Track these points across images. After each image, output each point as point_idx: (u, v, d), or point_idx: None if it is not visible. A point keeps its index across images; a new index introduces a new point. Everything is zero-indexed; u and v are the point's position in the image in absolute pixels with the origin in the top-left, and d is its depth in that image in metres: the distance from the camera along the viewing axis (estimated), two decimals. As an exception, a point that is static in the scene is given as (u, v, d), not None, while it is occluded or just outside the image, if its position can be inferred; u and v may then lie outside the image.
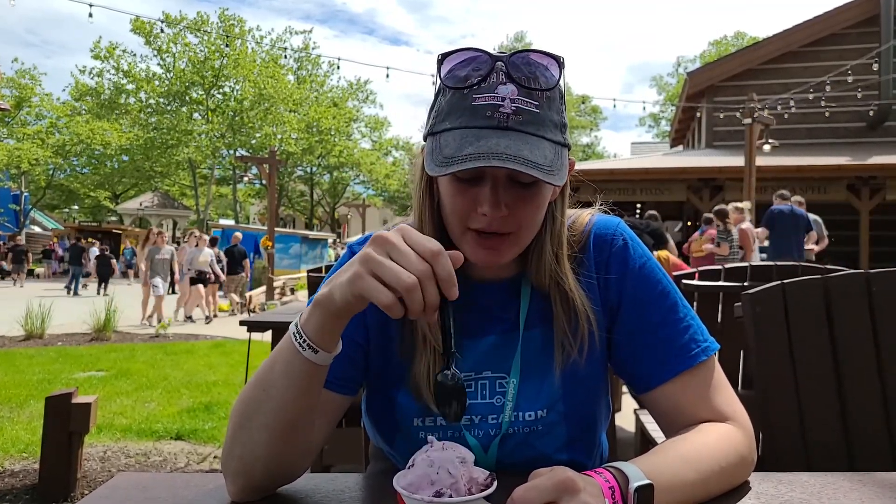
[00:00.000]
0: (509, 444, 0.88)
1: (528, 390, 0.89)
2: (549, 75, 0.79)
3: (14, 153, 27.39)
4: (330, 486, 0.83)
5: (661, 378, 0.88)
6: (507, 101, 0.77)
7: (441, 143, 0.78)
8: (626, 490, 0.67)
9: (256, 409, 0.77)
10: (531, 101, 0.78)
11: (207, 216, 32.44)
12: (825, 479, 0.83)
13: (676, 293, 0.92)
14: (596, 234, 0.94)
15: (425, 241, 0.67)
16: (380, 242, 0.68)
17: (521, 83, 0.78)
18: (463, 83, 0.78)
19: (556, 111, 0.81)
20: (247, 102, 30.73)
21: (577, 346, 0.89)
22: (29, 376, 5.76)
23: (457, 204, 0.82)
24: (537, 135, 0.78)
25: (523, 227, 0.83)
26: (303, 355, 0.73)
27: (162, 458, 3.59)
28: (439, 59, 0.81)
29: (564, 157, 0.80)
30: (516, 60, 0.78)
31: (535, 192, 0.81)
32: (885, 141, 15.43)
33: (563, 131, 0.82)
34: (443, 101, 0.82)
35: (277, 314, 3.59)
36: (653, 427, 2.25)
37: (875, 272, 1.28)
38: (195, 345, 7.99)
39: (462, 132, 0.77)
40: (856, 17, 15.84)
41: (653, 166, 14.89)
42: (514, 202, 0.80)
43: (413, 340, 0.89)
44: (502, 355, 0.90)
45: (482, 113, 0.77)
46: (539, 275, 0.89)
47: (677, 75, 45.12)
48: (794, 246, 7.57)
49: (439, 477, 0.65)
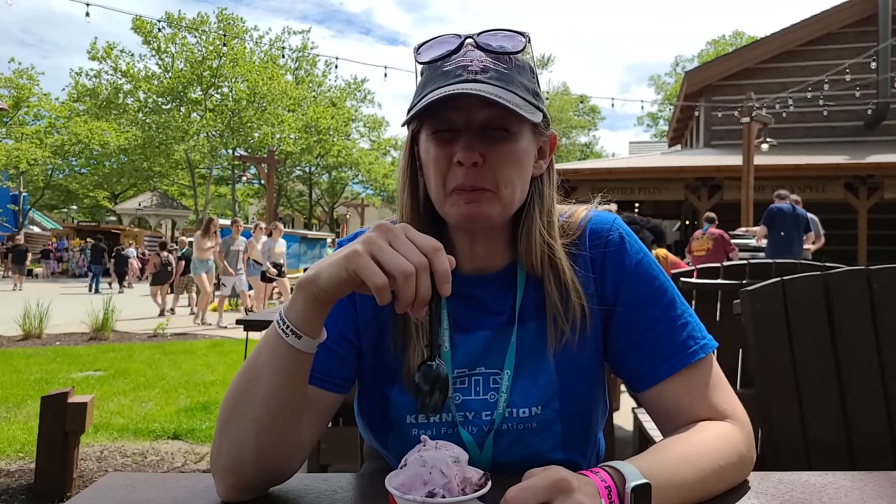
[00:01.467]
0: (503, 441, 0.87)
1: (522, 386, 0.88)
2: (516, 43, 0.83)
3: (12, 153, 27.39)
4: (322, 486, 0.81)
5: (658, 376, 0.87)
6: (475, 61, 0.81)
7: (417, 106, 0.81)
8: (623, 489, 0.66)
9: (243, 401, 0.76)
10: (499, 63, 0.82)
11: (206, 216, 32.41)
12: (826, 479, 0.82)
13: (674, 290, 0.91)
14: (591, 228, 0.93)
15: (426, 238, 0.67)
16: (383, 230, 0.68)
17: (488, 49, 0.83)
18: (436, 57, 0.84)
19: (526, 79, 0.84)
20: (244, 102, 30.71)
21: (570, 323, 0.88)
22: (26, 376, 5.75)
23: (436, 160, 0.84)
24: (506, 88, 0.80)
25: (501, 182, 0.83)
26: (286, 342, 0.73)
27: (159, 458, 3.58)
28: (416, 49, 0.86)
29: (534, 114, 0.81)
30: (484, 35, 0.84)
31: (508, 143, 0.83)
32: (883, 140, 15.46)
33: (536, 98, 0.84)
34: (420, 81, 0.86)
35: (274, 313, 3.58)
36: (651, 426, 2.24)
37: (875, 268, 1.28)
38: (193, 344, 7.98)
39: (434, 92, 0.79)
40: (853, 16, 15.87)
41: (651, 165, 14.90)
42: (491, 152, 0.82)
43: (406, 333, 0.89)
44: (497, 351, 0.89)
45: (453, 73, 0.81)
46: (530, 254, 0.89)
47: (675, 75, 45.15)
48: (794, 244, 7.57)
49: (432, 477, 0.64)
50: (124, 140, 30.10)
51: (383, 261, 0.65)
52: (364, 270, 0.66)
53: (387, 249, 0.66)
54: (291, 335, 0.73)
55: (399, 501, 0.64)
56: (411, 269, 0.64)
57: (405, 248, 0.66)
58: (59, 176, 34.60)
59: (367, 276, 0.65)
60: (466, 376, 0.89)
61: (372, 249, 0.66)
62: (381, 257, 0.66)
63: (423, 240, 0.67)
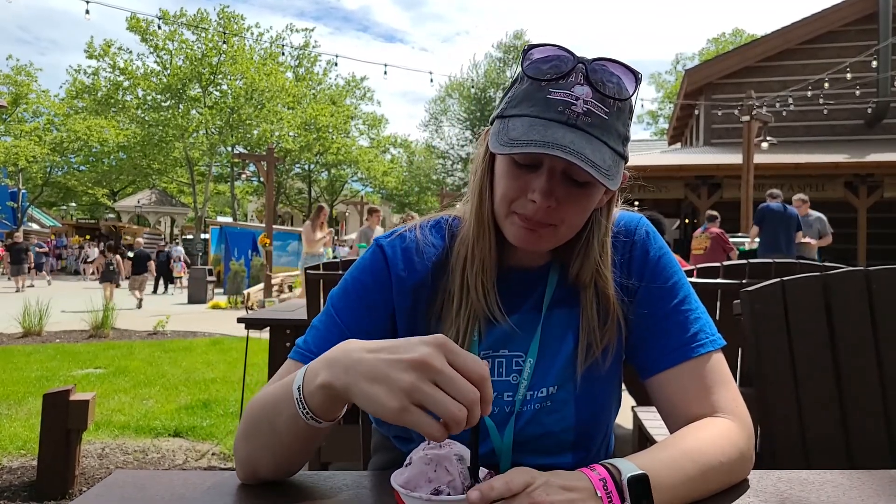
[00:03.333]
0: (520, 421, 0.90)
1: (540, 368, 0.92)
2: (624, 86, 0.82)
3: (11, 150, 27.34)
4: (328, 483, 0.82)
5: (666, 363, 0.90)
6: (580, 101, 0.79)
7: (509, 126, 0.81)
8: (621, 481, 0.68)
9: (263, 434, 0.79)
10: (603, 106, 0.80)
11: (205, 213, 32.39)
12: (824, 477, 0.83)
13: (689, 288, 0.96)
14: (621, 227, 0.98)
15: (472, 363, 0.62)
16: (423, 369, 0.61)
17: (596, 88, 0.80)
18: (542, 75, 0.81)
19: (622, 123, 0.83)
20: (243, 99, 30.64)
21: (602, 347, 0.92)
22: (27, 373, 5.75)
23: (510, 186, 0.85)
24: (601, 139, 0.80)
25: (566, 223, 0.86)
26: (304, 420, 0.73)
27: (160, 455, 3.59)
28: (525, 50, 0.85)
29: (621, 168, 0.83)
30: (597, 66, 0.81)
31: (586, 192, 0.85)
32: (883, 138, 15.46)
33: (624, 144, 0.84)
34: (519, 88, 0.85)
35: (275, 311, 3.59)
36: (651, 424, 2.25)
37: (874, 269, 1.28)
38: (193, 342, 7.98)
39: (531, 120, 0.80)
40: (854, 14, 15.86)
41: (651, 164, 14.88)
42: (565, 197, 0.83)
43: (445, 313, 0.92)
44: (520, 336, 0.93)
45: (555, 107, 0.80)
46: (581, 274, 0.92)
47: (675, 73, 45.09)
48: (784, 243, 7.61)
49: (437, 475, 0.65)
50: (123, 137, 30.02)
51: (436, 410, 0.60)
52: (418, 427, 0.60)
53: (437, 397, 0.60)
54: (312, 420, 0.72)
55: (405, 499, 0.64)
56: (465, 414, 0.59)
57: (454, 387, 0.60)
58: (58, 173, 34.50)
59: (423, 430, 0.60)
60: (490, 357, 0.92)
61: (420, 399, 0.60)
62: (433, 406, 0.60)
63: (472, 368, 0.62)
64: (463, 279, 0.92)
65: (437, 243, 0.97)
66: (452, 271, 0.94)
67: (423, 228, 0.98)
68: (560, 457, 0.91)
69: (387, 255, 0.95)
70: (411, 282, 0.94)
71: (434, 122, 42.01)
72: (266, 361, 3.00)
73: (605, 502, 0.66)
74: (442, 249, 0.96)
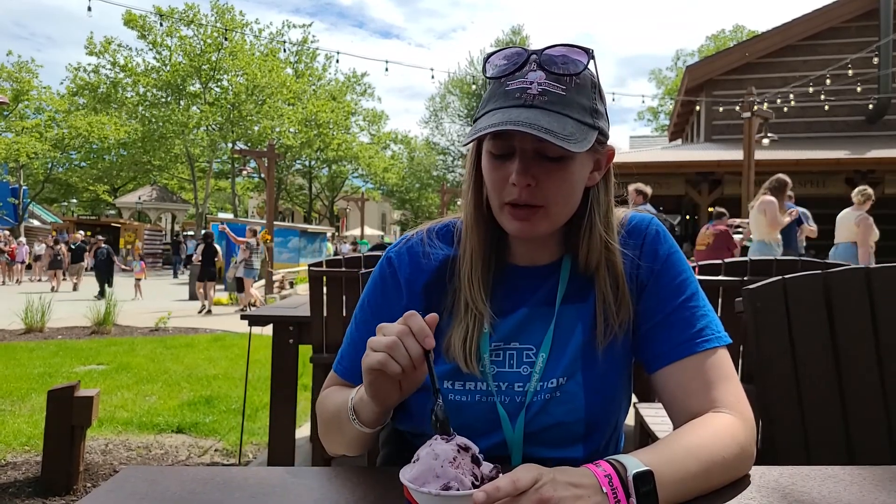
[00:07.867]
0: (530, 412, 0.92)
1: (551, 360, 0.93)
2: (576, 63, 0.88)
3: (12, 147, 27.28)
4: (336, 478, 0.84)
5: (671, 357, 0.92)
6: (534, 84, 0.86)
7: (477, 124, 0.89)
8: (626, 477, 0.69)
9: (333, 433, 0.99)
10: (559, 84, 0.86)
11: (206, 210, 32.37)
12: (825, 473, 0.84)
13: (698, 286, 0.98)
14: (632, 226, 1.00)
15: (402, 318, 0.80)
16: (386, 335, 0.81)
17: (549, 70, 0.87)
18: (501, 73, 0.89)
19: (586, 97, 0.88)
20: (244, 95, 30.59)
21: (619, 321, 0.94)
22: (30, 370, 5.77)
23: (493, 178, 0.91)
24: (561, 113, 0.85)
25: (551, 201, 0.89)
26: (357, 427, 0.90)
27: (163, 451, 3.61)
28: (485, 59, 0.92)
29: (589, 135, 0.86)
30: (548, 52, 0.88)
31: (562, 166, 0.88)
32: (884, 135, 15.43)
33: (593, 115, 0.89)
34: (485, 92, 0.93)
35: (277, 308, 3.60)
36: (653, 421, 2.26)
37: (875, 267, 1.29)
38: (195, 338, 8.00)
39: (494, 112, 0.87)
40: (855, 10, 15.82)
41: (651, 160, 14.88)
42: (543, 174, 0.88)
43: (455, 309, 0.97)
44: (531, 329, 0.95)
45: (513, 95, 0.87)
46: (590, 256, 0.95)
47: (676, 69, 45.00)
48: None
49: (444, 470, 0.66)
50: (124, 134, 29.98)
51: (373, 346, 0.80)
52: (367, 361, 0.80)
53: (374, 338, 0.80)
54: (363, 426, 0.90)
55: (414, 494, 0.66)
56: (393, 340, 0.78)
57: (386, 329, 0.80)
58: (59, 169, 34.46)
59: (371, 363, 0.79)
60: (501, 349, 0.95)
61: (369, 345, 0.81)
62: (372, 345, 0.80)
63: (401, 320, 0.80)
64: (462, 275, 0.97)
65: (446, 245, 1.02)
66: (460, 270, 0.98)
67: (430, 232, 1.04)
68: (571, 449, 0.92)
69: (394, 264, 1.02)
70: (421, 283, 0.99)
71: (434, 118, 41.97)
72: (268, 358, 3.01)
73: (610, 498, 0.67)
74: (450, 250, 1.01)
